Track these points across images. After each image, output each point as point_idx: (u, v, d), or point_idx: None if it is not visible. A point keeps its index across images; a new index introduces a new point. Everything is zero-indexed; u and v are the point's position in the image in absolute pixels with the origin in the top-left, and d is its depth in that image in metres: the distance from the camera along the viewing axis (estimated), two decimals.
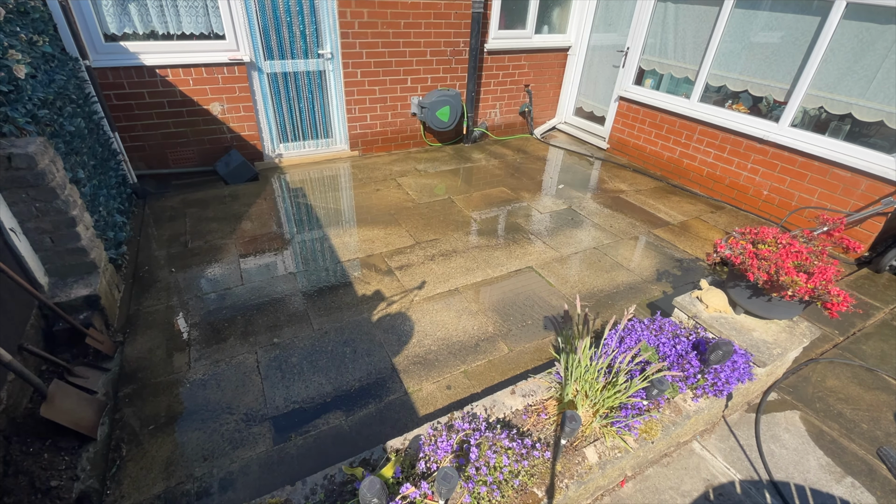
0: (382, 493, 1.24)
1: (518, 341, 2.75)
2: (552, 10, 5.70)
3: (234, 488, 1.90)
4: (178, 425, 2.15)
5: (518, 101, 6.09)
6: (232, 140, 4.59)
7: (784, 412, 2.39)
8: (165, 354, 2.53)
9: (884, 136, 3.63)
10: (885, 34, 3.40)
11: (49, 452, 1.88)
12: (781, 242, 2.14)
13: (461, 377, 2.50)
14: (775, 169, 4.19)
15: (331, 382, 2.41)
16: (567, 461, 1.71)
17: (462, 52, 5.28)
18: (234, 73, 4.28)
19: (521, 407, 1.90)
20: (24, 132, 2.24)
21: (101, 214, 2.96)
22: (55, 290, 2.40)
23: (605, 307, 3.08)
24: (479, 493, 1.48)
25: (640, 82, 5.37)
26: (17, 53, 2.29)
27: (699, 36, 4.59)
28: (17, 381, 1.93)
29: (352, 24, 4.54)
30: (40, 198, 2.21)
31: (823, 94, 3.80)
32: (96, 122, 3.60)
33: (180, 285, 3.07)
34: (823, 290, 1.93)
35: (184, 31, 4.03)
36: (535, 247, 3.71)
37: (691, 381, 2.02)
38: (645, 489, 1.99)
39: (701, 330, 2.34)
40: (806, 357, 2.74)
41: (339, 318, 2.85)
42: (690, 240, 3.93)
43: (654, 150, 5.26)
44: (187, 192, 4.29)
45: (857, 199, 3.71)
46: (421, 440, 1.65)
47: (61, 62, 3.16)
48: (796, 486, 2.00)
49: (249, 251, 3.46)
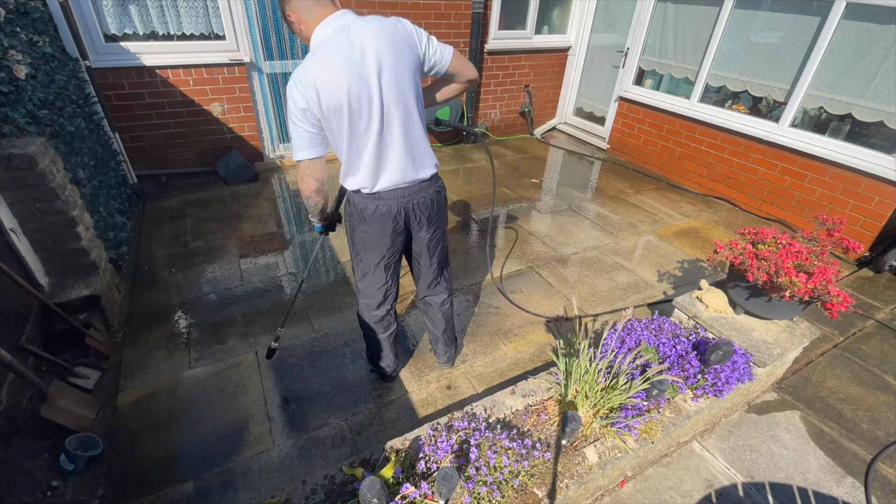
0: (382, 493, 1.24)
1: (517, 341, 2.75)
2: (552, 10, 5.70)
3: (233, 488, 1.90)
4: (177, 425, 2.15)
5: (518, 102, 6.09)
6: (232, 140, 4.59)
7: (784, 412, 2.39)
8: (165, 354, 2.53)
9: (884, 136, 3.63)
10: (885, 34, 3.40)
11: (49, 452, 1.89)
12: (781, 242, 2.14)
13: (461, 377, 2.50)
14: (775, 169, 4.19)
15: (331, 382, 2.41)
16: (567, 461, 1.71)
17: (462, 53, 5.28)
18: (235, 74, 4.28)
19: (522, 407, 1.90)
20: (25, 132, 2.24)
21: (102, 215, 2.97)
22: (55, 291, 2.40)
23: (605, 307, 3.08)
24: (479, 493, 1.48)
25: (640, 83, 5.38)
26: (17, 54, 2.29)
27: (699, 36, 4.59)
28: (17, 382, 1.93)
29: None
30: (40, 198, 2.21)
31: (823, 95, 3.80)
32: (96, 122, 3.60)
33: (180, 285, 3.07)
34: (823, 291, 1.93)
35: (184, 31, 4.03)
36: (534, 247, 3.71)
37: (691, 382, 2.02)
38: (645, 489, 1.99)
39: (701, 330, 2.34)
40: (806, 357, 2.74)
41: (339, 317, 2.85)
42: (690, 240, 3.93)
43: (655, 150, 5.26)
44: (187, 193, 4.29)
45: (857, 199, 3.71)
46: (421, 440, 1.65)
47: (61, 62, 3.16)
48: (797, 488, 2.00)
49: (249, 251, 3.46)
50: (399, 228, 1.84)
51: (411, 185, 1.77)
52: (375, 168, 1.66)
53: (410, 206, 1.80)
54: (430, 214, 1.87)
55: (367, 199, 1.76)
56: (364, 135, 1.59)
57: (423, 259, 2.05)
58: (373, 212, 1.77)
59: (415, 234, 1.93)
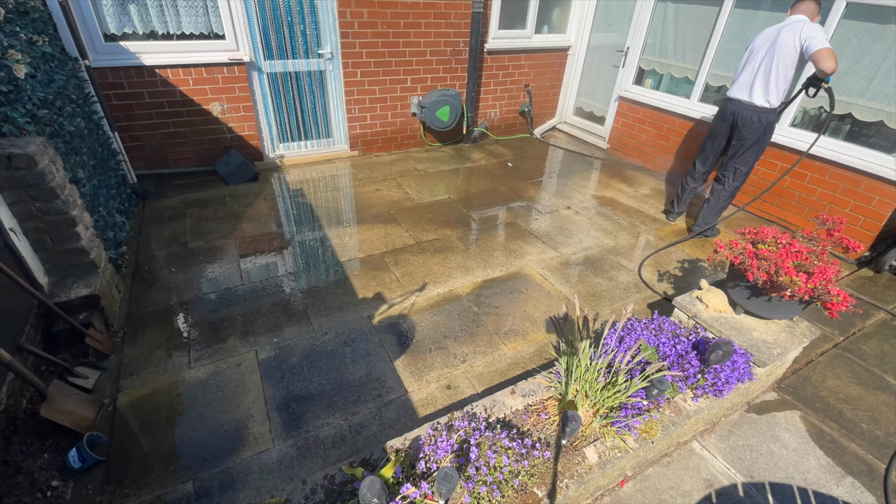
0: (382, 493, 1.24)
1: (517, 341, 2.75)
2: (552, 9, 5.70)
3: (233, 488, 1.90)
4: (177, 425, 2.15)
5: (518, 101, 6.09)
6: (232, 140, 4.58)
7: (784, 412, 2.39)
8: (165, 354, 2.53)
9: (884, 136, 3.63)
10: (885, 34, 3.40)
11: (49, 452, 1.89)
12: (781, 242, 2.14)
13: (461, 377, 2.50)
14: (775, 169, 4.19)
15: (330, 382, 2.41)
16: (567, 461, 1.71)
17: (462, 52, 5.28)
18: (234, 73, 4.28)
19: (521, 407, 1.90)
20: (24, 132, 2.24)
21: (101, 214, 2.96)
22: (55, 290, 2.39)
23: (605, 307, 3.08)
24: (479, 492, 1.48)
25: (639, 82, 5.38)
26: (16, 53, 2.29)
27: (699, 36, 4.59)
28: (17, 381, 1.93)
29: (352, 24, 4.54)
30: (40, 198, 2.21)
31: (824, 95, 3.79)
32: (96, 121, 3.60)
33: (180, 285, 3.07)
34: (823, 290, 1.93)
35: (184, 30, 4.03)
36: (534, 246, 3.71)
37: (691, 381, 2.02)
38: (645, 489, 1.99)
39: (701, 330, 2.34)
40: (806, 357, 2.75)
41: (338, 317, 2.85)
42: (690, 240, 3.93)
43: (654, 149, 5.26)
44: (187, 192, 4.29)
45: (857, 198, 3.71)
46: (421, 440, 1.65)
47: (61, 62, 3.15)
48: (798, 488, 2.00)
49: (249, 251, 3.46)
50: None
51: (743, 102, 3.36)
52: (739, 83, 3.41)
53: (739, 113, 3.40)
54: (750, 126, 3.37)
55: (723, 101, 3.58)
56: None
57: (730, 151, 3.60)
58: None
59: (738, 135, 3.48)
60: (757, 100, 3.28)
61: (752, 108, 3.30)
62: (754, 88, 3.28)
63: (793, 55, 3.06)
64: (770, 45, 3.15)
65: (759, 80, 3.24)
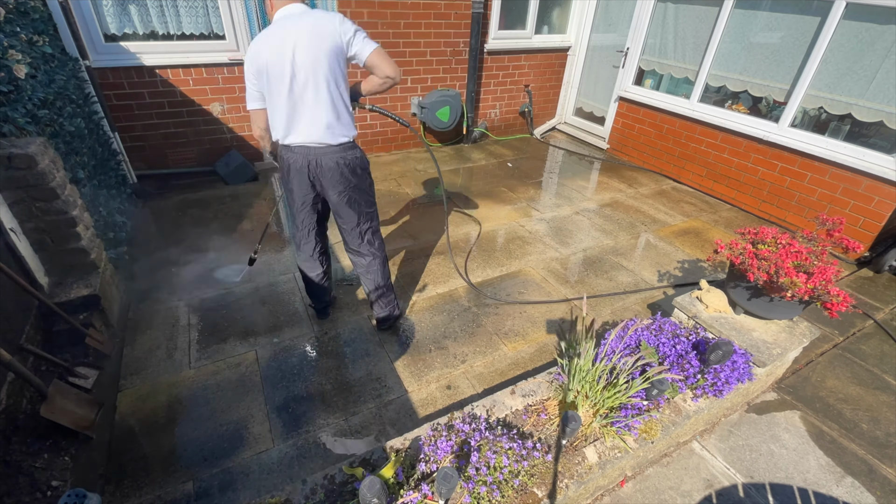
0: (382, 494, 1.24)
1: (517, 341, 2.75)
2: (552, 10, 5.70)
3: (233, 488, 1.89)
4: (177, 425, 2.15)
5: (518, 102, 6.09)
6: (232, 140, 4.58)
7: (784, 412, 2.39)
8: (165, 354, 2.53)
9: (884, 136, 3.63)
10: (885, 34, 3.40)
11: (49, 452, 1.88)
12: (781, 242, 2.14)
13: (461, 377, 2.50)
14: (775, 169, 4.19)
15: (330, 382, 2.41)
16: (567, 461, 1.71)
17: (462, 53, 5.29)
18: (234, 73, 4.28)
19: (521, 407, 1.90)
20: (24, 132, 2.24)
21: (101, 214, 2.96)
22: (55, 290, 2.39)
23: (606, 307, 3.08)
24: (479, 493, 1.48)
25: (640, 83, 5.37)
26: (17, 53, 2.29)
27: (699, 36, 4.59)
28: (17, 381, 1.93)
29: None
30: (40, 198, 2.21)
31: (823, 95, 3.80)
32: (96, 122, 3.60)
33: (180, 285, 3.07)
34: (823, 290, 1.93)
35: (184, 31, 4.03)
36: (534, 247, 3.71)
37: (691, 381, 2.02)
38: (645, 489, 1.99)
39: (701, 330, 2.34)
40: (806, 357, 2.74)
41: (338, 317, 2.85)
42: (690, 240, 3.93)
43: (654, 150, 5.26)
44: (187, 193, 4.29)
45: (856, 199, 3.71)
46: (421, 441, 1.65)
47: (61, 62, 3.16)
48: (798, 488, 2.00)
49: (249, 251, 3.45)
50: (306, 182, 2.20)
51: (319, 146, 2.09)
52: (287, 124, 2.05)
53: (315, 163, 2.13)
54: (332, 177, 2.16)
55: (282, 149, 2.17)
56: (277, 96, 2.00)
57: (339, 219, 2.38)
58: (286, 160, 2.16)
59: (323, 192, 2.26)
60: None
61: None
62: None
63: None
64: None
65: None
